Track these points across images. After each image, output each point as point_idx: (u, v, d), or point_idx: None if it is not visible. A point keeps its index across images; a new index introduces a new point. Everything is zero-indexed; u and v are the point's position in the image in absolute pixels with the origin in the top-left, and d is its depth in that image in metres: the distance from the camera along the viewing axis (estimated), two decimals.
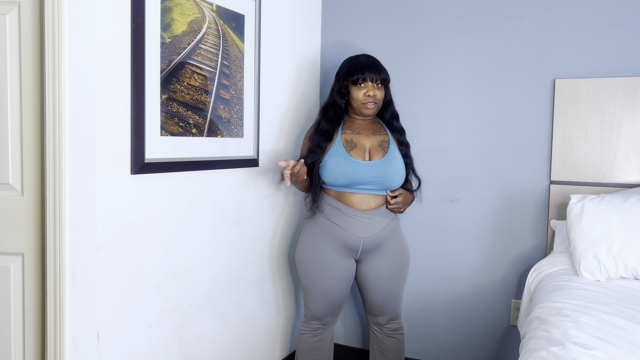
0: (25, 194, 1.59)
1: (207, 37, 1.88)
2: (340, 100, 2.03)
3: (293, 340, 2.59)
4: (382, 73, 1.99)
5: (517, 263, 2.33)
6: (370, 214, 1.98)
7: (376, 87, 1.99)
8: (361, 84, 1.98)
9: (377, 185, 1.97)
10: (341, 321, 2.68)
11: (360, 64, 1.99)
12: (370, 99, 1.98)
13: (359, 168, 1.95)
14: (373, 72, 1.97)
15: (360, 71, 1.97)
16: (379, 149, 2.01)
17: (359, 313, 2.65)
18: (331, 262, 2.03)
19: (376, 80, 1.98)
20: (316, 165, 2.01)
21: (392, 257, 2.04)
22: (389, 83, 2.05)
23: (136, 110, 1.61)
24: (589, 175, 2.17)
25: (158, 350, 1.77)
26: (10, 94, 1.57)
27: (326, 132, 2.01)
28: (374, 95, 1.97)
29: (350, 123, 2.07)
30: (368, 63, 1.99)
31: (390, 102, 2.10)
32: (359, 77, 1.97)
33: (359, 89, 1.98)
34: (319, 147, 2.00)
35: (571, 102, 2.18)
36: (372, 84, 1.98)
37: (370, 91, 1.97)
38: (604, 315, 1.42)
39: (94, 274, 1.54)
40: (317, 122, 2.07)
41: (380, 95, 2.00)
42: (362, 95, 1.98)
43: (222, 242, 2.04)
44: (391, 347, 2.17)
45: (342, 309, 2.23)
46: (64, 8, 1.47)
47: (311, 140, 2.05)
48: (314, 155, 2.00)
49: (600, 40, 2.15)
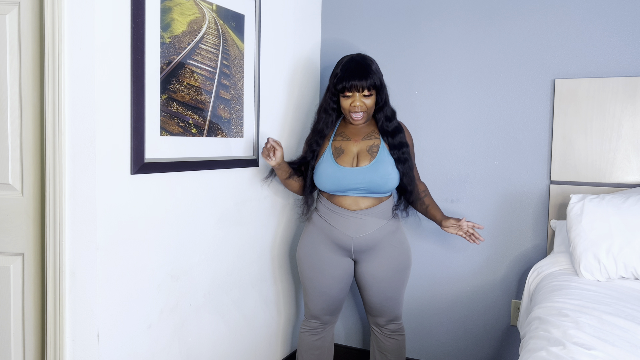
0: (25, 194, 1.59)
1: (207, 37, 1.88)
2: (333, 103, 2.02)
3: (293, 341, 2.59)
4: (369, 79, 1.89)
5: (517, 263, 2.33)
6: (361, 214, 1.98)
7: (363, 96, 1.92)
8: (347, 95, 1.93)
9: (364, 191, 1.97)
10: (341, 321, 2.68)
11: (348, 72, 1.91)
12: (357, 109, 1.93)
13: (344, 174, 1.95)
14: (359, 79, 1.89)
15: (346, 80, 1.90)
16: (367, 154, 1.98)
17: (360, 313, 2.65)
18: (327, 260, 2.04)
19: (362, 89, 1.90)
20: (309, 171, 2.05)
21: (389, 260, 2.03)
22: (380, 87, 1.95)
23: (136, 110, 1.61)
24: (589, 175, 2.16)
25: (158, 350, 1.77)
26: (10, 94, 1.57)
27: (320, 130, 2.04)
28: (360, 106, 1.93)
29: (343, 128, 2.06)
30: (356, 69, 1.90)
31: (384, 106, 2.00)
32: (344, 87, 1.91)
33: (346, 98, 1.94)
34: (310, 149, 2.04)
35: (571, 102, 2.18)
36: (359, 94, 1.92)
37: (357, 101, 1.92)
38: (604, 315, 1.42)
39: (94, 274, 1.54)
40: (315, 122, 2.08)
41: (369, 103, 1.94)
42: (349, 104, 1.94)
43: (222, 242, 2.04)
44: (391, 348, 2.16)
45: (341, 309, 2.22)
46: (64, 8, 1.47)
47: (308, 142, 2.08)
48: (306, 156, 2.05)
49: (600, 40, 2.15)
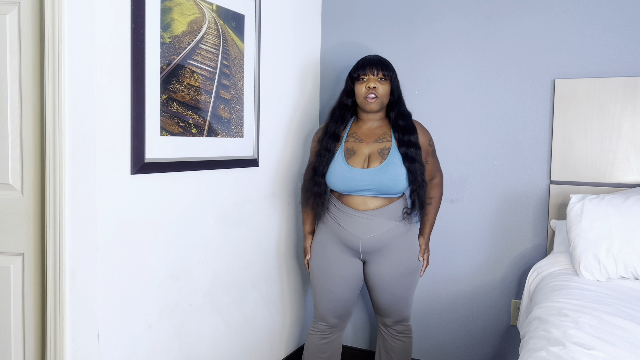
0: (25, 194, 1.59)
1: (207, 37, 1.88)
2: (347, 99, 2.05)
3: (293, 341, 2.59)
4: (384, 68, 1.97)
5: (517, 263, 2.33)
6: (369, 214, 1.98)
7: (378, 80, 1.97)
8: (363, 78, 1.98)
9: (374, 192, 1.97)
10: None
11: (365, 61, 2.00)
12: (370, 91, 1.96)
13: (354, 175, 1.96)
14: (374, 66, 1.97)
15: (362, 67, 1.98)
16: (378, 156, 1.99)
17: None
18: (335, 260, 2.04)
19: (377, 73, 1.97)
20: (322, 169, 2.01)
21: (397, 262, 2.02)
22: (395, 80, 2.01)
23: (136, 110, 1.61)
24: (589, 175, 2.16)
25: (158, 350, 1.77)
26: (10, 94, 1.57)
27: (333, 133, 2.04)
28: (375, 88, 1.95)
29: (356, 128, 2.07)
30: (372, 59, 1.99)
31: (398, 102, 2.03)
32: (359, 73, 1.98)
33: (361, 83, 1.98)
34: (327, 150, 2.02)
35: (571, 102, 2.18)
36: (374, 77, 1.97)
37: (371, 83, 1.96)
38: (604, 315, 1.42)
39: (94, 274, 1.54)
40: (326, 125, 2.08)
41: (383, 89, 1.97)
42: (363, 88, 1.97)
43: (222, 242, 2.04)
44: (397, 349, 2.16)
45: (351, 316, 2.18)
46: (64, 8, 1.47)
47: (320, 143, 2.06)
48: (322, 159, 2.02)
49: (600, 40, 2.15)
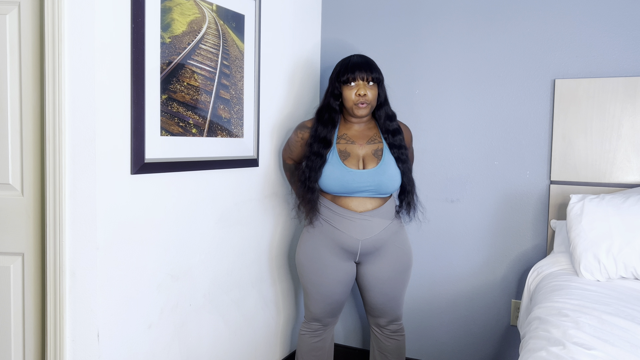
0: (25, 194, 1.59)
1: (207, 37, 1.88)
2: (334, 102, 2.00)
3: (293, 341, 2.59)
4: (373, 72, 1.93)
5: (517, 263, 2.33)
6: (368, 215, 1.97)
7: (367, 85, 1.93)
8: (352, 83, 1.93)
9: (372, 192, 1.96)
10: (341, 321, 2.68)
11: (352, 64, 1.94)
12: (361, 99, 1.93)
13: (353, 177, 1.94)
14: (364, 70, 1.92)
15: (351, 70, 1.93)
16: (373, 157, 1.98)
17: (359, 313, 2.64)
18: (330, 265, 2.02)
19: (367, 78, 1.92)
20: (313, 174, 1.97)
21: (392, 260, 2.03)
22: (382, 82, 1.98)
23: (136, 110, 1.61)
24: (589, 175, 2.16)
25: (158, 350, 1.77)
26: (10, 94, 1.57)
27: (324, 138, 1.98)
28: (365, 95, 1.92)
29: (345, 130, 2.03)
30: (359, 62, 1.94)
31: (385, 103, 2.02)
32: (349, 77, 1.92)
33: (350, 88, 1.93)
34: (318, 155, 1.97)
35: (571, 102, 2.18)
36: (363, 83, 1.93)
37: (361, 90, 1.92)
38: (604, 315, 1.42)
39: (94, 274, 1.54)
40: (314, 128, 2.02)
41: (372, 94, 1.94)
42: (353, 95, 1.93)
43: (222, 242, 2.04)
44: (392, 348, 2.16)
45: (342, 310, 2.22)
46: (64, 8, 1.47)
47: (310, 147, 2.01)
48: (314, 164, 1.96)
49: (600, 40, 2.15)
